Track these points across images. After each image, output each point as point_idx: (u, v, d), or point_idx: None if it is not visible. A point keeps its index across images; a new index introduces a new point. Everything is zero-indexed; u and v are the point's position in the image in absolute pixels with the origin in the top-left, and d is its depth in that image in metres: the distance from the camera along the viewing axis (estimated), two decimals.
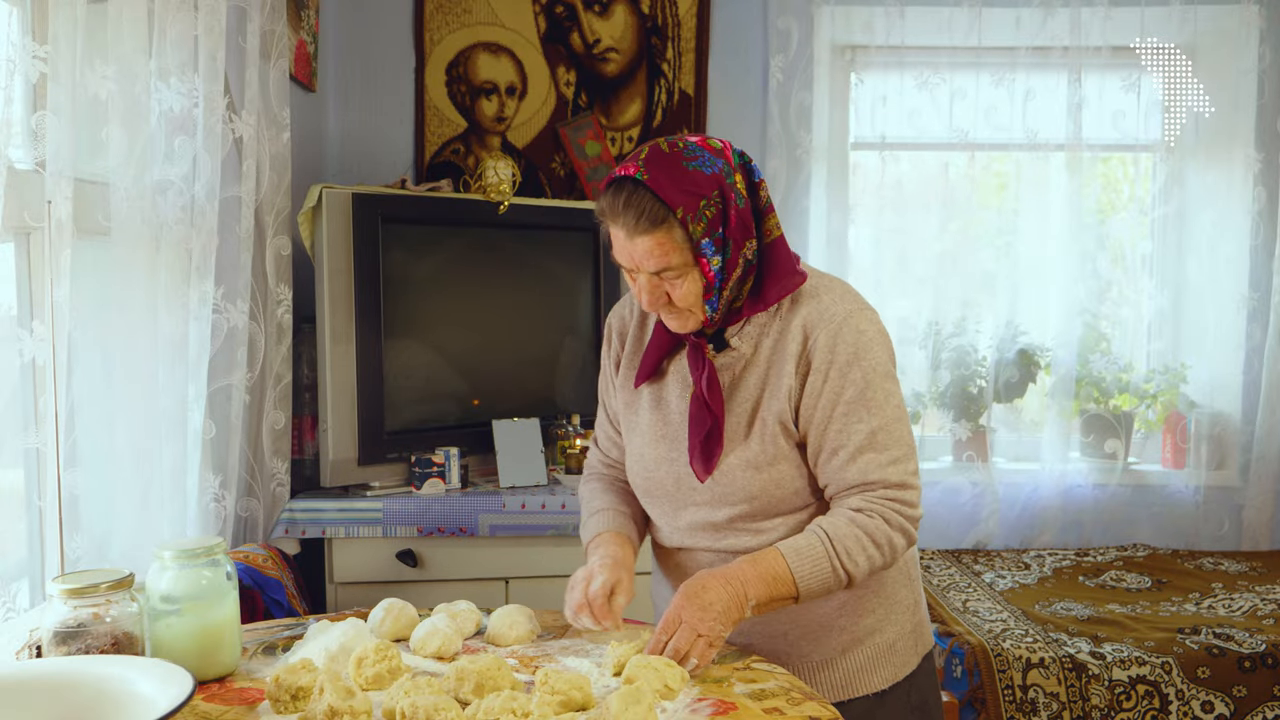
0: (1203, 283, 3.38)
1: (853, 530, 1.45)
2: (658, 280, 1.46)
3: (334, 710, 1.19)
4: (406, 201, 2.56)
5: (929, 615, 1.70)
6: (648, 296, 1.47)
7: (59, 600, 1.27)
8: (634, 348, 1.66)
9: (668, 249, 1.42)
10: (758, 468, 1.50)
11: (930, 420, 3.46)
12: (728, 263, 1.45)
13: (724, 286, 1.47)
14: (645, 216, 1.40)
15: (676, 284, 1.45)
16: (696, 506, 1.56)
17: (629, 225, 1.42)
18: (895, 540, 1.47)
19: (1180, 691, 2.37)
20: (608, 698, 1.22)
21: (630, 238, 1.43)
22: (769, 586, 1.42)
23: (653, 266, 1.43)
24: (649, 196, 1.41)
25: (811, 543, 1.44)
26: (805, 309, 1.51)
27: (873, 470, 1.47)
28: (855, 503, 1.47)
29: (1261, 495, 3.33)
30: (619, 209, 1.42)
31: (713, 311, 1.48)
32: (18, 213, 1.49)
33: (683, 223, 1.41)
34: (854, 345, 1.48)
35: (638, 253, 1.43)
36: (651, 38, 3.25)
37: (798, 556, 1.43)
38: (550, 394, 2.86)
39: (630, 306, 1.70)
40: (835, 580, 1.44)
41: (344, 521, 2.41)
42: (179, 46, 1.84)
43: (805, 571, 1.43)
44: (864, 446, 1.47)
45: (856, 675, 1.57)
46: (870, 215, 3.36)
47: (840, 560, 1.43)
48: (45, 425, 1.53)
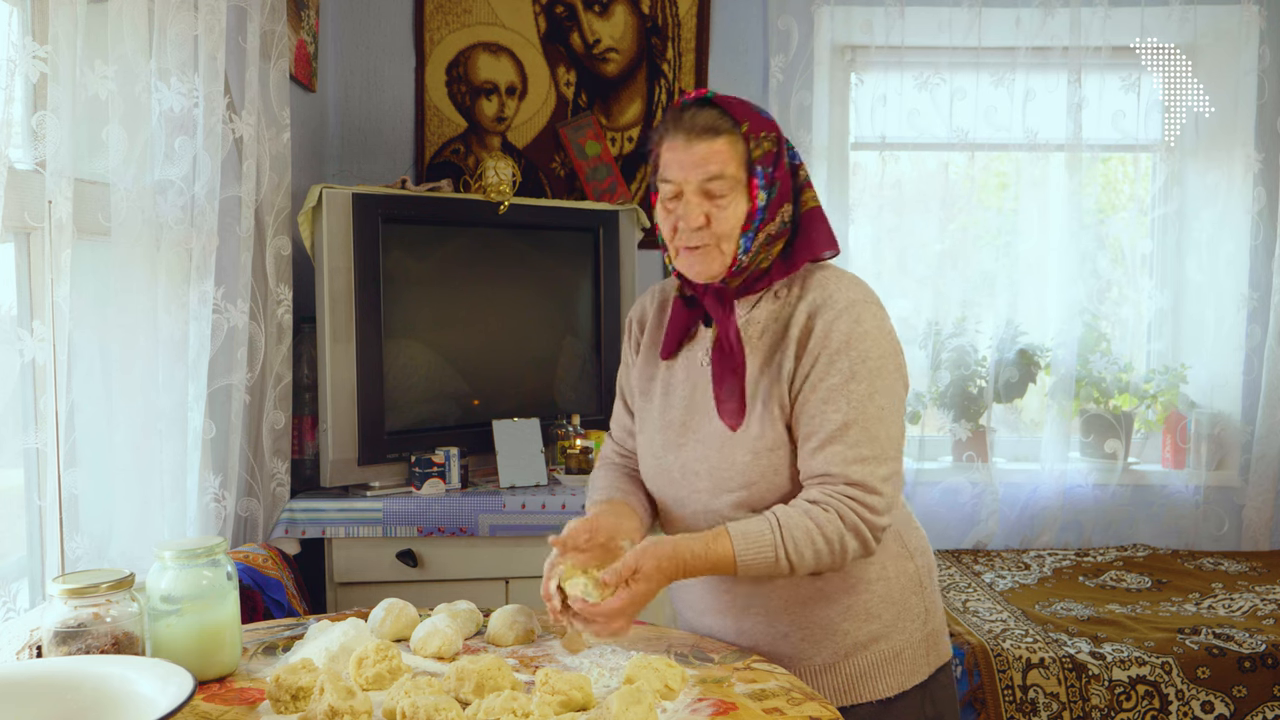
0: (1203, 283, 3.38)
1: (804, 521, 1.43)
2: (703, 199, 1.46)
3: (334, 710, 1.19)
4: (406, 201, 2.56)
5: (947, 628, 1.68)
6: (689, 218, 1.46)
7: (59, 600, 1.27)
8: (654, 333, 1.67)
9: (726, 157, 1.45)
10: (756, 452, 1.50)
11: (930, 420, 3.46)
12: (771, 203, 1.48)
13: (762, 226, 1.48)
14: (711, 123, 1.46)
15: (721, 204, 1.46)
16: (698, 494, 1.55)
17: (692, 130, 1.46)
18: (848, 540, 1.43)
19: (1180, 691, 2.37)
20: (608, 698, 1.22)
21: (690, 143, 1.46)
22: (712, 566, 1.44)
23: (707, 173, 1.45)
24: (717, 110, 1.47)
25: (761, 529, 1.43)
26: (813, 294, 1.51)
27: (836, 463, 1.44)
28: (814, 494, 1.45)
29: (1261, 495, 3.33)
30: (682, 117, 1.48)
31: (745, 250, 1.48)
32: (18, 213, 1.49)
33: (745, 138, 1.47)
34: (848, 334, 1.47)
35: (694, 158, 1.46)
36: (651, 38, 3.25)
37: (744, 540, 1.43)
38: (550, 394, 2.86)
39: (650, 297, 1.72)
40: (777, 568, 1.44)
41: (344, 521, 2.41)
42: (179, 46, 1.84)
43: (750, 557, 1.43)
44: (833, 437, 1.45)
45: (860, 680, 1.55)
46: (870, 215, 3.36)
47: (786, 550, 1.42)
48: (45, 425, 1.53)
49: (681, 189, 1.48)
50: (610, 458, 1.78)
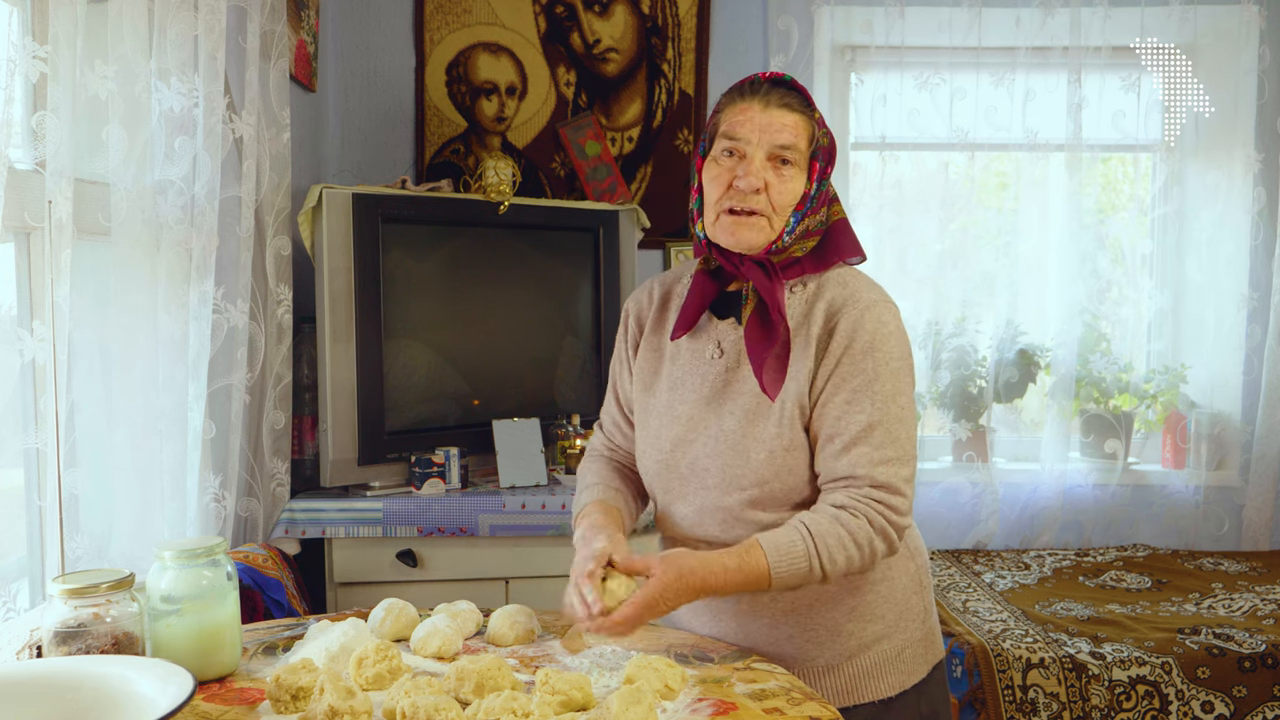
0: (1203, 283, 3.39)
1: (835, 529, 1.42)
2: (768, 165, 1.47)
3: (334, 710, 1.19)
4: (406, 201, 2.56)
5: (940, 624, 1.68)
6: (750, 177, 1.46)
7: (59, 600, 1.27)
8: (657, 325, 1.65)
9: (800, 131, 1.48)
10: (773, 451, 1.48)
11: (930, 420, 3.46)
12: (820, 194, 1.51)
13: (810, 212, 1.50)
14: (790, 102, 1.49)
15: (785, 175, 1.48)
16: (707, 490, 1.54)
17: (771, 99, 1.48)
18: (876, 544, 1.43)
19: (1180, 691, 2.37)
20: (608, 698, 1.22)
21: (767, 109, 1.48)
22: (744, 582, 1.41)
23: (781, 140, 1.47)
24: (794, 90, 1.50)
25: (792, 539, 1.42)
26: (831, 293, 1.51)
27: (861, 465, 1.44)
28: (840, 499, 1.44)
29: (1261, 495, 3.33)
30: (762, 86, 1.50)
31: (790, 231, 1.49)
32: (18, 213, 1.49)
33: (818, 123, 1.50)
34: (873, 334, 1.46)
35: (770, 123, 1.47)
36: (651, 38, 3.25)
37: (777, 552, 1.41)
38: (550, 394, 2.86)
39: (649, 293, 1.69)
40: (811, 577, 1.42)
41: (344, 521, 2.41)
42: (179, 46, 1.84)
43: (783, 568, 1.40)
44: (859, 438, 1.44)
45: (862, 681, 1.55)
46: (870, 215, 3.36)
47: (820, 559, 1.41)
48: (45, 425, 1.52)
49: (746, 150, 1.48)
50: (599, 450, 1.76)
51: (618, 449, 1.74)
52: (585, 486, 1.68)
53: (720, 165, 1.49)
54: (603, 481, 1.67)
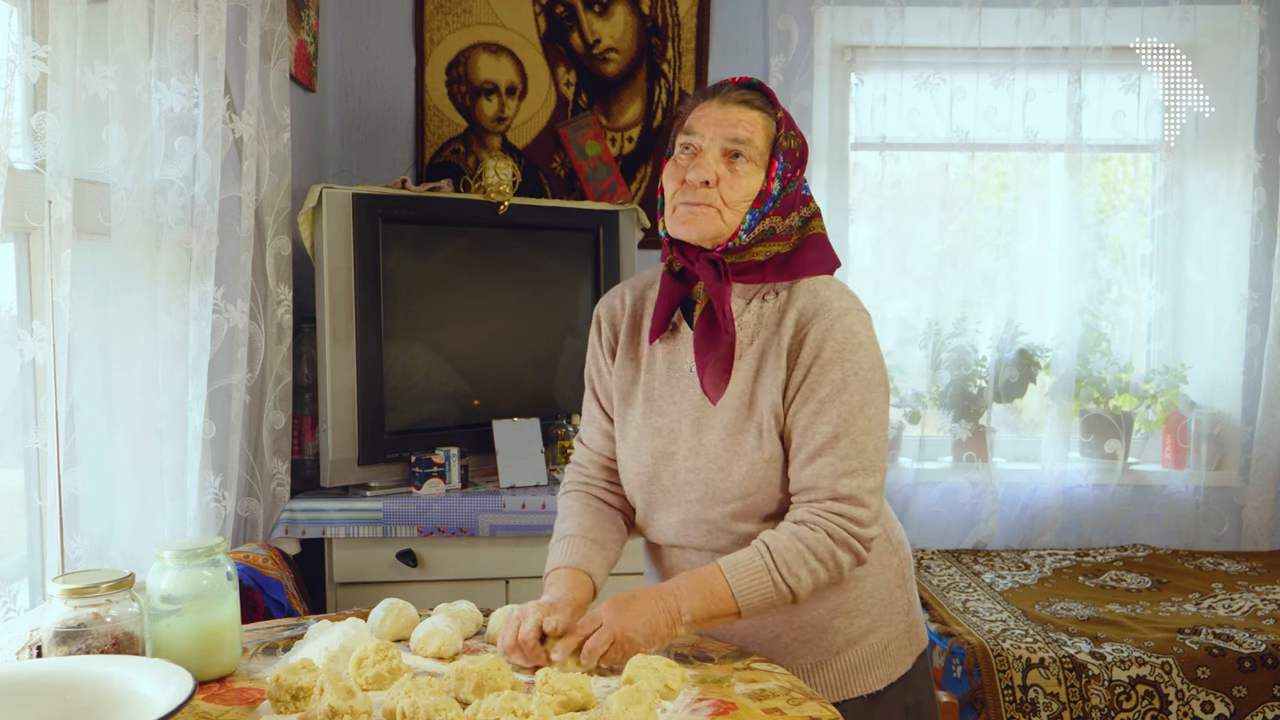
0: (1203, 283, 3.39)
1: (794, 544, 1.41)
2: (721, 160, 1.47)
3: (334, 710, 1.19)
4: (406, 201, 2.56)
5: (924, 614, 1.69)
6: (699, 170, 1.46)
7: (59, 600, 1.27)
8: (631, 333, 1.64)
9: (756, 129, 1.48)
10: (754, 464, 1.48)
11: (930, 420, 3.46)
12: (784, 197, 1.50)
13: (770, 213, 1.49)
14: (750, 99, 1.50)
15: (738, 170, 1.47)
16: (689, 503, 1.54)
17: (730, 98, 1.49)
18: (840, 556, 1.42)
19: (1180, 691, 2.37)
20: (608, 698, 1.22)
21: (724, 105, 1.49)
22: (706, 602, 1.40)
23: (734, 135, 1.46)
24: (757, 91, 1.52)
25: (752, 557, 1.41)
26: (803, 302, 1.50)
27: (824, 476, 1.43)
28: (800, 514, 1.44)
29: (1261, 495, 3.33)
30: (725, 87, 1.51)
31: (747, 229, 1.48)
32: (18, 213, 1.49)
33: (779, 124, 1.50)
34: (842, 343, 1.45)
35: (725, 118, 1.47)
36: (651, 38, 3.25)
37: (736, 570, 1.41)
38: (550, 394, 2.86)
39: (620, 298, 1.68)
40: (778, 595, 1.41)
41: (344, 521, 2.41)
42: (179, 46, 1.84)
43: (744, 586, 1.40)
44: (823, 449, 1.44)
45: (851, 676, 1.56)
46: (870, 215, 3.36)
47: (781, 575, 1.40)
48: (45, 425, 1.52)
49: (701, 145, 1.48)
50: (576, 480, 1.71)
51: (600, 472, 1.69)
52: (560, 537, 1.62)
53: (676, 162, 1.51)
54: (579, 533, 1.60)
